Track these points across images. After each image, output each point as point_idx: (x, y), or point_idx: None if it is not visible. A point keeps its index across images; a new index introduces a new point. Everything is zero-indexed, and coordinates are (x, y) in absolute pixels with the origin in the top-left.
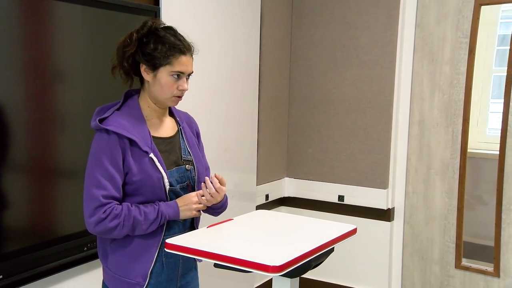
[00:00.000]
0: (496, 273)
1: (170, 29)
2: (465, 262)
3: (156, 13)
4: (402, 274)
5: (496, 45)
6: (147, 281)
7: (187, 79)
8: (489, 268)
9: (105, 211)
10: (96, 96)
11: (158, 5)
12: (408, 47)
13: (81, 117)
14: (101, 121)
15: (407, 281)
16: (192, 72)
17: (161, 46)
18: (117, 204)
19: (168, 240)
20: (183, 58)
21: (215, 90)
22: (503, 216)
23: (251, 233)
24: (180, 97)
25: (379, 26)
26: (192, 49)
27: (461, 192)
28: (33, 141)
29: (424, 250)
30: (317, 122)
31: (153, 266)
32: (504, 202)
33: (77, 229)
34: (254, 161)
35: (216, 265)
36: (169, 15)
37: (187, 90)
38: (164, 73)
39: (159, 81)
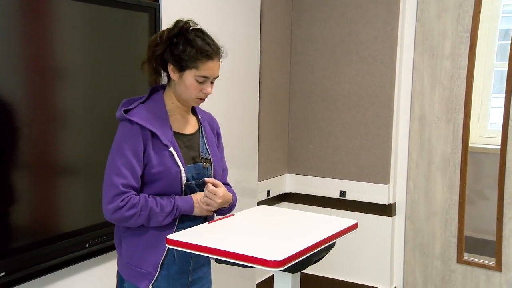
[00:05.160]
0: (498, 267)
1: (200, 31)
2: (466, 256)
3: (155, 10)
4: (404, 269)
5: (498, 40)
6: (158, 271)
7: (212, 82)
8: (491, 262)
9: (123, 199)
10: (96, 93)
11: (158, 2)
12: (408, 42)
13: (82, 114)
14: (125, 112)
15: (408, 276)
16: (218, 76)
17: (190, 49)
18: (135, 194)
19: (169, 236)
20: (210, 64)
21: (215, 87)
22: (505, 210)
23: (252, 229)
24: (203, 99)
25: (379, 21)
26: (221, 53)
27: (462, 186)
28: (36, 138)
29: (425, 245)
30: (317, 118)
31: (164, 257)
32: (505, 197)
33: (79, 226)
34: (255, 157)
35: (217, 261)
36: (168, 12)
37: (210, 94)
38: (189, 76)
39: (184, 82)
